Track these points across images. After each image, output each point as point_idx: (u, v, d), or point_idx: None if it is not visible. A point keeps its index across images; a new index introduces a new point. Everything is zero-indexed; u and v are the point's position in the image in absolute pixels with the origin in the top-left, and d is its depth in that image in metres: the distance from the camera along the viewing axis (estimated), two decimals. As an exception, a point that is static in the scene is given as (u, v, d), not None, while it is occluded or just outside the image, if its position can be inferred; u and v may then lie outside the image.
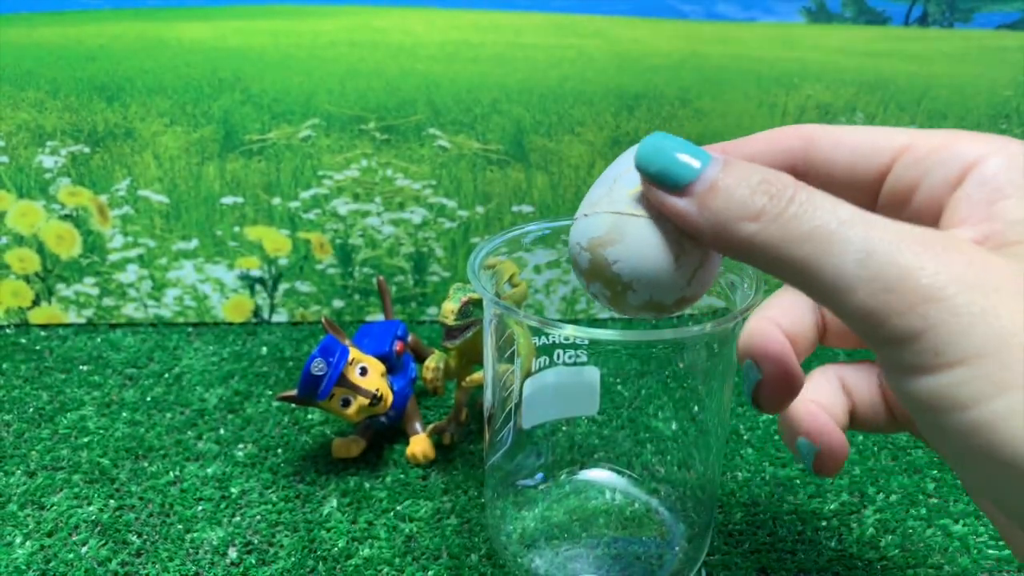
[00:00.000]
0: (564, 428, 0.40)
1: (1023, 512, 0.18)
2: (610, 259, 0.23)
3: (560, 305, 0.57)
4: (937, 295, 0.18)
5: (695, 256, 0.23)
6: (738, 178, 0.21)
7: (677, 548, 0.36)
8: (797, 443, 0.28)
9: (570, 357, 0.35)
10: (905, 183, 0.23)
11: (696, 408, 0.36)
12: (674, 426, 0.39)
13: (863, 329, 0.19)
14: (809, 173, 0.25)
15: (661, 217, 0.22)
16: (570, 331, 0.27)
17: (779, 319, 0.28)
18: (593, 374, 0.35)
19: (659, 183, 0.22)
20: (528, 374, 0.35)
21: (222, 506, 0.40)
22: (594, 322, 0.57)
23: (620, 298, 0.24)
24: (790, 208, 0.20)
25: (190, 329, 0.58)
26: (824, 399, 0.29)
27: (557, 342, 0.35)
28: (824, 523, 0.39)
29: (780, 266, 0.20)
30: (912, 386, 0.18)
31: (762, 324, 0.27)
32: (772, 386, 0.26)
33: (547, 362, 0.35)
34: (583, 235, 0.23)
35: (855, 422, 0.29)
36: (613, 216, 0.23)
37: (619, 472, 0.40)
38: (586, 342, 0.34)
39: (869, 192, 0.24)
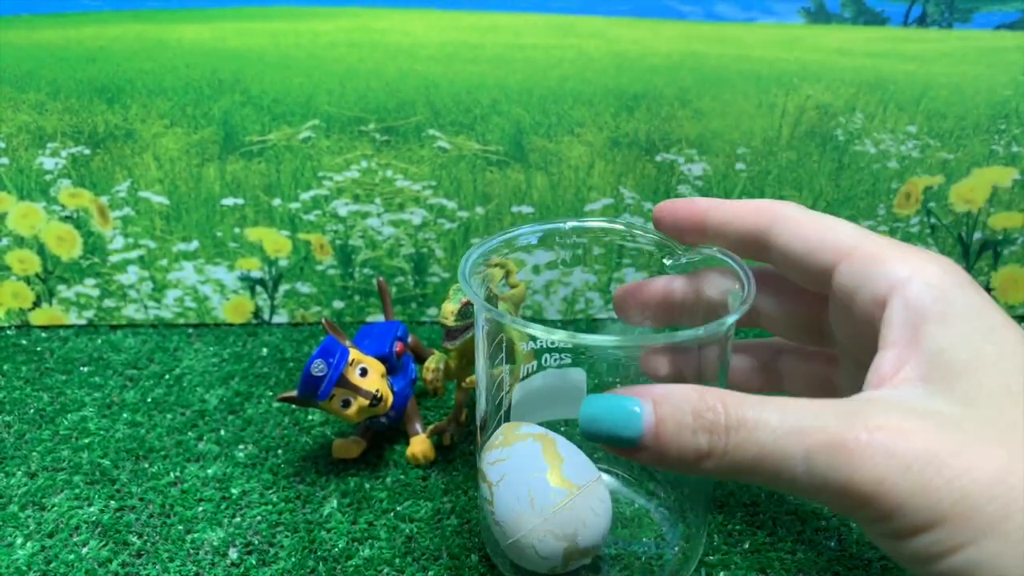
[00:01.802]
0: (563, 429, 0.40)
1: None
2: None
3: (560, 306, 0.57)
4: (880, 488, 0.20)
5: None
6: (675, 422, 0.23)
7: (676, 548, 0.36)
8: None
9: (556, 360, 0.35)
10: (847, 288, 0.26)
11: None
12: None
13: (838, 513, 0.23)
14: (771, 252, 0.29)
15: None
16: (561, 336, 0.27)
17: None
18: (579, 376, 0.35)
19: (613, 448, 0.24)
20: (518, 379, 0.35)
21: (222, 507, 0.40)
22: (592, 322, 0.57)
23: None
24: (730, 439, 0.22)
25: (191, 330, 0.58)
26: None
27: (545, 346, 0.35)
28: (824, 523, 0.39)
29: (751, 482, 0.24)
30: (890, 547, 0.22)
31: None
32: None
33: (535, 367, 0.35)
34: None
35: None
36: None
37: (617, 475, 0.40)
38: (571, 345, 0.34)
39: (820, 279, 0.27)
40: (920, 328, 0.23)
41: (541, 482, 0.31)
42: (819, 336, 0.31)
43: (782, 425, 0.21)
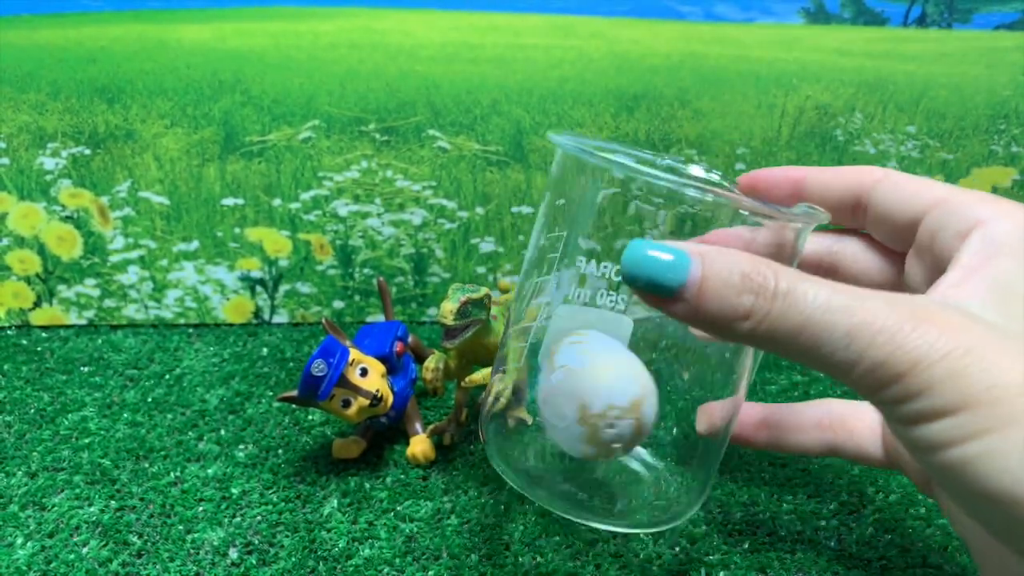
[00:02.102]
0: None
1: (1006, 535, 0.21)
2: None
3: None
4: (915, 368, 0.20)
5: None
6: (721, 279, 0.22)
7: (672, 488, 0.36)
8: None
9: (610, 301, 0.34)
10: (932, 229, 0.27)
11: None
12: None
13: (863, 393, 0.22)
14: (867, 211, 0.30)
15: None
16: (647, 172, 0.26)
17: None
18: (626, 326, 0.33)
19: (650, 294, 0.23)
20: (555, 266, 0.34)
21: (223, 507, 0.40)
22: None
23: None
24: (776, 304, 0.22)
25: (191, 330, 0.58)
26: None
27: (605, 274, 0.33)
28: (823, 523, 0.39)
29: (780, 353, 0.23)
30: (907, 433, 0.22)
31: None
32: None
33: (587, 296, 0.34)
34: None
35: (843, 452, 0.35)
36: None
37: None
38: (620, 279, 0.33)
39: (909, 230, 0.28)
40: (993, 258, 0.23)
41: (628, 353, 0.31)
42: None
43: (830, 301, 0.21)
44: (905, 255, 0.29)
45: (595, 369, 0.31)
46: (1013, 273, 0.23)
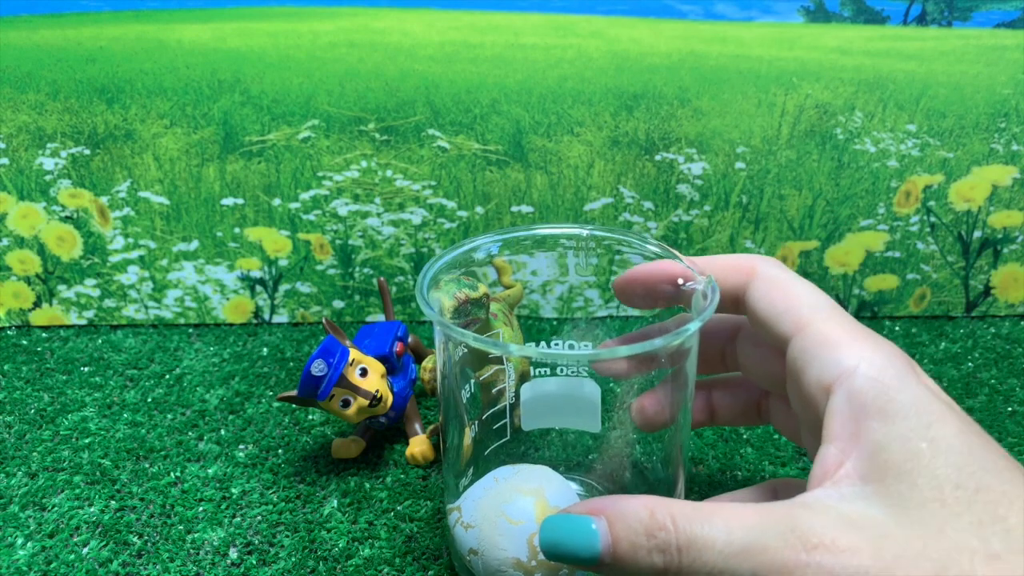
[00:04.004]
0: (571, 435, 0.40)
1: None
2: None
3: (556, 304, 0.57)
4: None
5: None
6: (630, 542, 0.25)
7: None
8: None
9: (572, 371, 0.35)
10: (796, 365, 0.28)
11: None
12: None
13: None
14: (746, 311, 0.31)
15: None
16: (520, 351, 0.28)
17: None
18: (594, 391, 0.35)
19: (575, 565, 0.26)
20: (525, 377, 0.35)
21: (223, 507, 0.40)
22: (591, 321, 0.57)
23: None
24: (683, 559, 0.24)
25: (191, 330, 0.58)
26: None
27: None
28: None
29: None
30: None
31: None
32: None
33: (548, 372, 0.35)
34: None
35: (717, 419, 0.37)
36: None
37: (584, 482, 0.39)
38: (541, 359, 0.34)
39: (783, 346, 0.29)
40: (862, 423, 0.25)
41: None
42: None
43: (728, 547, 0.23)
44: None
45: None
46: (883, 440, 0.24)
